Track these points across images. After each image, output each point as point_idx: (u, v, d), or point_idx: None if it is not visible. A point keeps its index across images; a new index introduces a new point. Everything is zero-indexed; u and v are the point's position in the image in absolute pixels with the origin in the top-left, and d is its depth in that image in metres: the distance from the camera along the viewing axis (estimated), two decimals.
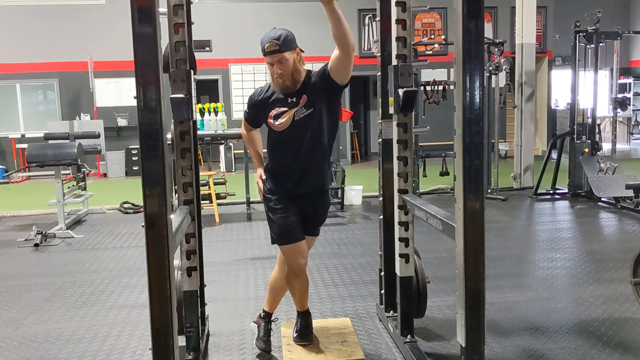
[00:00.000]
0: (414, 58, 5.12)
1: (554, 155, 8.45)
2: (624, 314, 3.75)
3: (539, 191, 8.27)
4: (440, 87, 8.06)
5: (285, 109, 2.96)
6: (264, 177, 3.14)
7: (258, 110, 3.08)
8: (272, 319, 3.36)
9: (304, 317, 3.24)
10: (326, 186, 3.18)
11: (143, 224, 2.11)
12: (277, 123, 2.97)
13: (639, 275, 3.74)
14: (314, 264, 5.03)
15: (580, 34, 7.85)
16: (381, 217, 3.63)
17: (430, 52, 11.87)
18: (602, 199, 7.55)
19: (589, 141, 7.94)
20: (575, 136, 8.02)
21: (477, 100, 2.18)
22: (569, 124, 8.17)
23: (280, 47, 2.83)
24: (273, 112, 2.98)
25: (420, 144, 8.16)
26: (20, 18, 12.64)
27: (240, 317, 3.89)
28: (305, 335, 3.15)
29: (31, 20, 12.66)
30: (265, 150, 3.18)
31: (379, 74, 3.58)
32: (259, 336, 3.28)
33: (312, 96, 2.94)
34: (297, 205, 3.07)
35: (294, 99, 2.95)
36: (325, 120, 2.99)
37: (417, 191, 8.03)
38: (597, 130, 8.04)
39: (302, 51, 2.98)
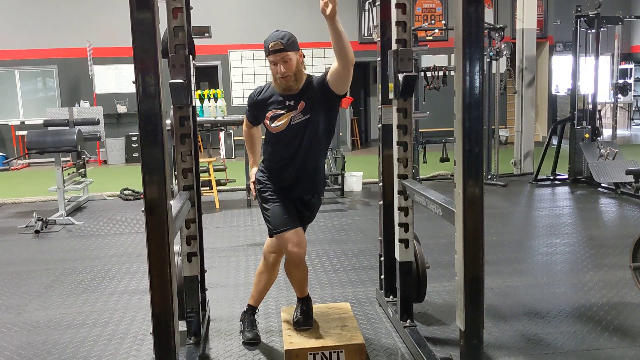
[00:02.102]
0: (414, 43, 5.10)
1: (554, 141, 8.44)
2: (623, 298, 3.76)
3: (539, 177, 8.27)
4: (441, 73, 8.04)
5: (283, 111, 2.97)
6: (253, 179, 3.19)
7: (256, 110, 3.09)
8: (256, 311, 3.37)
9: (304, 303, 3.25)
10: (319, 190, 3.18)
11: (143, 209, 2.11)
12: (273, 125, 2.99)
13: (638, 260, 3.75)
14: (314, 250, 5.04)
15: (582, 19, 7.81)
16: (381, 202, 3.63)
17: (431, 37, 11.82)
18: (602, 184, 7.55)
19: (589, 127, 7.93)
20: (575, 122, 8.01)
21: (477, 84, 2.18)
22: (570, 109, 8.16)
23: (285, 46, 2.85)
24: (270, 114, 2.99)
25: (420, 130, 8.15)
26: (18, 4, 12.57)
27: (241, 302, 3.90)
28: (305, 320, 3.17)
29: (30, 7, 12.59)
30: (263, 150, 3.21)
31: (379, 59, 3.57)
32: (243, 328, 3.28)
33: (310, 102, 2.95)
34: (291, 200, 3.09)
35: (292, 102, 2.96)
36: (322, 127, 3.00)
37: (417, 177, 8.03)
38: (597, 116, 8.02)
39: (304, 56, 3.00)
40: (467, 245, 2.26)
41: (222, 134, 10.06)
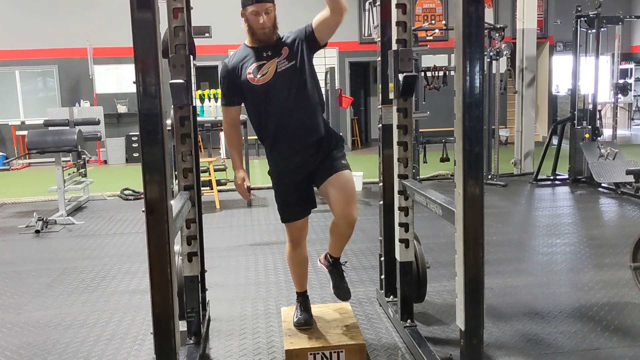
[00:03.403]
0: (414, 43, 5.10)
1: (555, 141, 8.43)
2: (623, 298, 3.76)
3: (539, 177, 8.27)
4: (441, 73, 8.04)
5: (263, 62, 2.91)
6: (248, 183, 3.08)
7: (234, 75, 2.97)
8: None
9: (303, 301, 3.26)
10: (322, 135, 3.01)
11: (143, 209, 2.11)
12: (259, 76, 2.91)
13: (638, 260, 3.75)
14: (314, 250, 5.03)
15: (582, 18, 7.81)
16: (381, 202, 3.63)
17: (431, 37, 11.82)
18: (603, 184, 7.55)
19: (589, 127, 7.92)
20: (575, 122, 8.01)
21: (477, 84, 2.18)
22: (570, 109, 8.16)
23: None
24: (251, 68, 2.92)
25: (420, 130, 8.15)
26: (19, 4, 12.58)
27: (241, 302, 3.91)
28: (305, 319, 3.17)
29: (30, 6, 12.60)
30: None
31: (379, 59, 3.57)
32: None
33: (293, 50, 2.92)
34: (299, 171, 3.01)
35: (270, 52, 2.92)
36: (308, 76, 2.96)
37: (418, 177, 8.03)
38: (597, 116, 8.02)
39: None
40: (467, 245, 2.26)
41: (222, 134, 10.08)
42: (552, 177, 8.32)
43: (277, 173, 3.08)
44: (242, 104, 3.07)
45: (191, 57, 3.02)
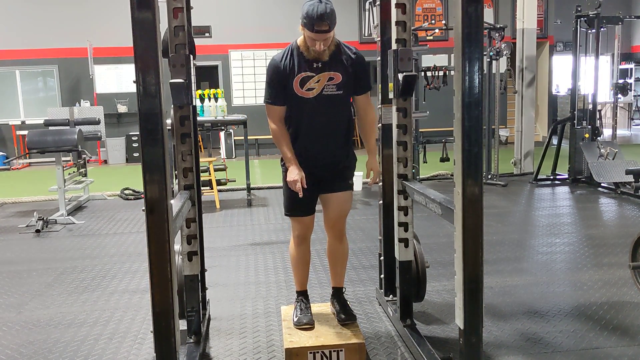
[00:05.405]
0: (414, 43, 5.11)
1: (555, 140, 8.44)
2: (622, 297, 3.77)
3: (539, 177, 8.28)
4: (441, 73, 8.04)
5: (312, 73, 2.98)
6: (303, 179, 2.98)
7: (283, 75, 2.98)
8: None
9: (303, 300, 3.27)
10: (340, 151, 3.16)
11: (143, 208, 2.12)
12: (304, 89, 2.98)
13: (637, 259, 3.76)
14: (314, 250, 5.00)
15: (582, 18, 7.81)
16: (381, 202, 3.64)
17: (431, 37, 11.81)
18: (602, 184, 7.56)
19: (589, 127, 7.92)
20: (575, 122, 8.01)
21: (476, 84, 2.18)
22: (570, 109, 8.16)
23: (330, 26, 2.84)
24: (299, 77, 2.97)
25: (420, 129, 8.16)
26: (19, 4, 12.58)
27: (241, 301, 3.92)
28: (305, 318, 3.17)
29: (30, 6, 12.59)
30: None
31: (379, 58, 3.58)
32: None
33: (345, 80, 3.01)
34: (312, 175, 3.07)
35: (319, 64, 2.98)
36: (348, 102, 3.08)
37: (417, 177, 8.03)
38: (597, 116, 8.02)
39: None
40: (467, 245, 2.27)
41: (222, 134, 10.08)
42: (551, 177, 8.33)
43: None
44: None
45: (191, 56, 3.03)
